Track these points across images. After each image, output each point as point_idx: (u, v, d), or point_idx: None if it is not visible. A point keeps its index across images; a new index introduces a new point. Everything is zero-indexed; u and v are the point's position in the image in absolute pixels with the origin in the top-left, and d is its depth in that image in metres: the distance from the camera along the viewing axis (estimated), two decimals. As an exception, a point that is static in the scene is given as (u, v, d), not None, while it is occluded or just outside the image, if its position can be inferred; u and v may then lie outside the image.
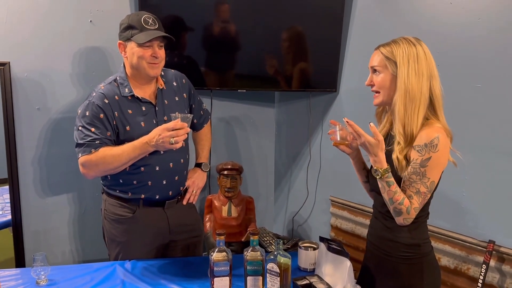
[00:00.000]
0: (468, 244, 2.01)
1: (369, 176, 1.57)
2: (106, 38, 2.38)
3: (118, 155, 1.70)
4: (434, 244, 1.52)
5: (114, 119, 1.75)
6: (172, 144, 1.61)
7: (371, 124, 1.37)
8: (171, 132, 1.60)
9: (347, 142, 1.54)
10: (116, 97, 1.78)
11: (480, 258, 1.94)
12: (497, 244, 1.90)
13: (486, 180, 1.94)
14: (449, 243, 2.07)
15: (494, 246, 1.89)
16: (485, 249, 1.92)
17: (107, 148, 1.72)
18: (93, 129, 1.72)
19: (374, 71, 1.45)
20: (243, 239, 2.60)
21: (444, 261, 2.08)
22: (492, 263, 1.92)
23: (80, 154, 1.73)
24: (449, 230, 2.08)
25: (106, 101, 1.75)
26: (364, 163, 1.63)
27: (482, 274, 1.89)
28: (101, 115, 1.74)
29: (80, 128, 1.74)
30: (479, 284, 1.90)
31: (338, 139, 1.52)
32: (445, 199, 2.02)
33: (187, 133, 1.65)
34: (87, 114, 1.74)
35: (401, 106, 1.38)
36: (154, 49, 1.75)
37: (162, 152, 1.80)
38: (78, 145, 1.74)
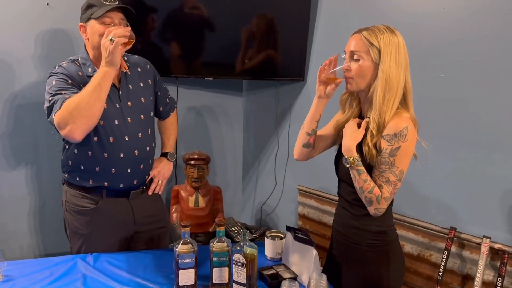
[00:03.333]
0: (430, 231, 2.06)
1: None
2: (64, 21, 2.27)
3: (83, 92, 1.58)
4: (398, 231, 1.55)
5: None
6: (113, 41, 1.53)
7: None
8: (106, 38, 1.55)
9: (336, 81, 1.46)
10: (79, 73, 1.70)
11: (442, 245, 1.99)
12: (458, 230, 1.95)
13: (448, 168, 1.99)
14: (412, 230, 2.12)
15: (455, 233, 1.95)
16: (446, 236, 1.97)
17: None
18: (63, 92, 1.61)
19: (352, 56, 1.41)
20: (210, 230, 2.58)
21: (407, 248, 2.13)
22: (453, 249, 1.97)
23: (52, 115, 1.58)
24: (413, 218, 2.12)
25: (70, 74, 1.68)
26: (320, 116, 1.55)
27: (444, 260, 1.95)
28: (69, 81, 1.66)
29: (50, 99, 1.61)
30: (441, 270, 1.95)
31: (330, 71, 1.43)
32: (409, 187, 2.06)
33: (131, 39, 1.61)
34: (54, 83, 1.64)
35: (381, 95, 1.36)
36: (115, 25, 1.68)
37: (127, 139, 1.74)
38: (49, 109, 1.60)
